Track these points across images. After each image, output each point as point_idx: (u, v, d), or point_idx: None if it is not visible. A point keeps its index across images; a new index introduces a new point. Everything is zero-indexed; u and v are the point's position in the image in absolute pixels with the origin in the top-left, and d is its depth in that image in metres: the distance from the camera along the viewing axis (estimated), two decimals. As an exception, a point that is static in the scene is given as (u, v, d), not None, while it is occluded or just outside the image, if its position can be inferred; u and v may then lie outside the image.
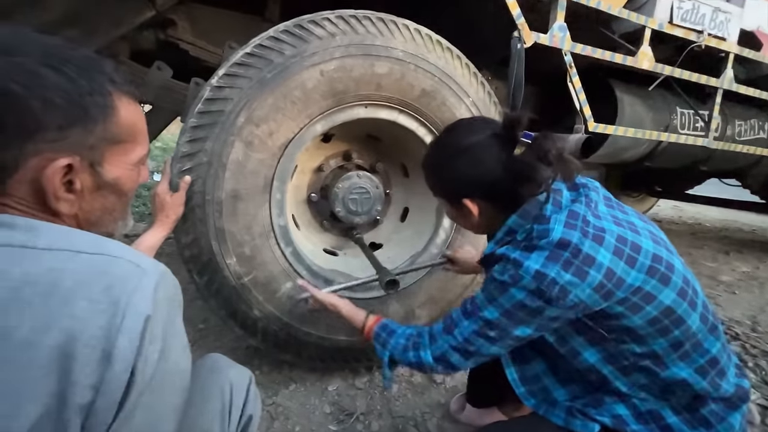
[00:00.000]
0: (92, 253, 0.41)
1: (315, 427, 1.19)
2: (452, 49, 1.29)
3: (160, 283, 0.42)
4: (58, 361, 0.36)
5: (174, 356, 0.44)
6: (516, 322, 0.72)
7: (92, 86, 0.45)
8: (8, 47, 0.41)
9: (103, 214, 0.51)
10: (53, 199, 0.44)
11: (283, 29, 1.09)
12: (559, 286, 0.66)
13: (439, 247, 1.43)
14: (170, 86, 1.44)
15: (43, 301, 0.37)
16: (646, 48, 1.67)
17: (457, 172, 0.78)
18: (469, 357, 0.78)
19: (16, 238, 0.40)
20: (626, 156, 2.13)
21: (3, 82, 0.39)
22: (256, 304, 1.16)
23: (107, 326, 0.38)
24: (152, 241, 0.98)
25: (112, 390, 0.37)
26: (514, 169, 0.72)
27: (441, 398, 1.36)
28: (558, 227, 0.69)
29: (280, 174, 1.15)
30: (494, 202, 0.78)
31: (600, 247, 0.67)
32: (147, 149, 0.55)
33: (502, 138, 0.75)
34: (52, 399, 0.36)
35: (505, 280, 0.71)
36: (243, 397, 0.72)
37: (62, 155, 0.43)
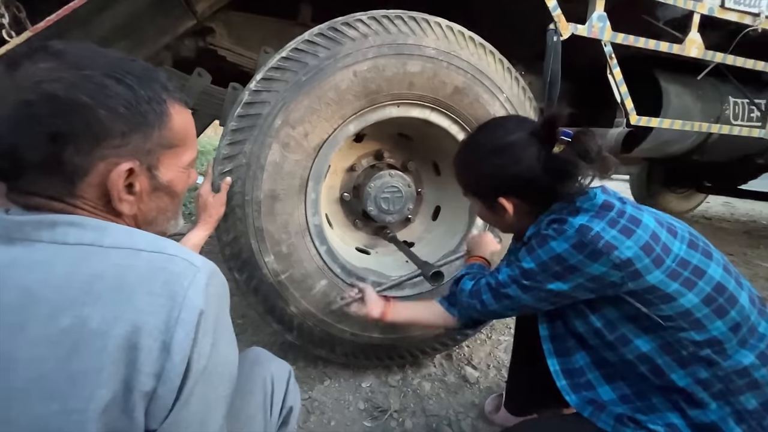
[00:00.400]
0: (151, 251, 0.44)
1: (349, 423, 1.22)
2: (485, 45, 1.27)
3: (211, 279, 0.45)
4: (125, 351, 0.39)
5: (223, 348, 0.47)
6: (551, 276, 0.73)
7: (150, 95, 0.48)
8: (78, 62, 0.44)
9: (158, 214, 0.55)
10: (117, 200, 0.48)
11: (318, 32, 1.11)
12: (604, 240, 0.66)
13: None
14: (210, 91, 1.50)
15: (111, 294, 0.40)
16: (694, 35, 1.57)
17: (494, 170, 0.78)
18: (498, 299, 0.82)
19: (87, 236, 0.43)
20: (672, 150, 2.01)
21: (75, 95, 0.43)
22: (293, 301, 1.20)
23: (166, 319, 0.41)
24: (196, 239, 1.03)
25: (171, 378, 0.40)
26: (554, 167, 0.72)
27: (475, 399, 1.34)
28: (600, 194, 0.73)
29: (314, 174, 1.18)
30: (530, 201, 0.79)
31: (642, 213, 0.70)
32: (196, 152, 0.58)
33: (541, 136, 0.75)
34: (120, 385, 0.39)
35: (548, 233, 0.73)
36: (283, 389, 0.75)
37: (124, 160, 0.47)
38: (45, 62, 0.43)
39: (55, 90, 0.42)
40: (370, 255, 1.53)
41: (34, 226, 0.43)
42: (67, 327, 0.38)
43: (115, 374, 0.38)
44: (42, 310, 0.39)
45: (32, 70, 0.42)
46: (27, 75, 0.42)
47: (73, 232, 0.43)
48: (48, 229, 0.43)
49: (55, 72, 0.43)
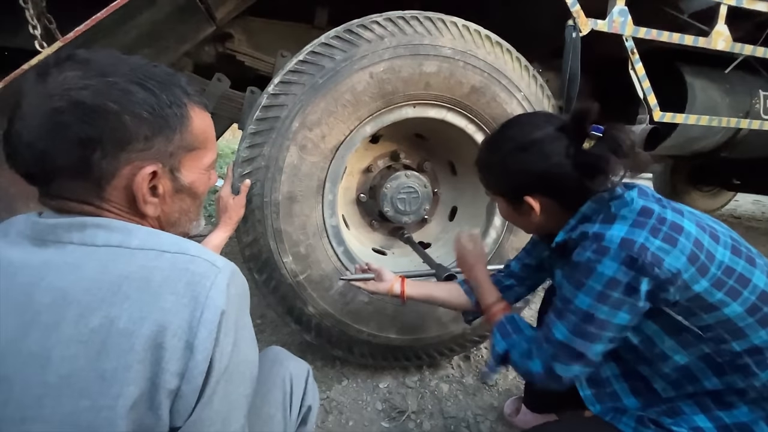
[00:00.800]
0: (175, 253, 0.45)
1: (368, 423, 1.22)
2: (502, 44, 1.25)
3: (232, 280, 0.46)
4: (151, 350, 0.40)
5: (244, 348, 0.48)
6: (613, 307, 0.65)
7: (171, 99, 0.49)
8: (103, 70, 0.46)
9: (180, 216, 0.56)
10: (142, 202, 0.49)
11: (334, 35, 1.12)
12: (650, 252, 0.61)
13: (490, 246, 1.40)
14: (229, 95, 1.53)
15: (138, 295, 0.41)
16: (721, 27, 1.51)
17: (520, 167, 0.74)
18: (573, 362, 0.70)
19: (114, 238, 0.45)
20: (698, 146, 1.94)
21: (102, 101, 0.44)
22: (311, 301, 1.21)
23: (190, 319, 0.42)
24: (217, 240, 1.05)
25: (194, 377, 0.41)
26: (585, 163, 0.69)
27: (494, 401, 1.33)
28: (636, 199, 0.68)
29: (331, 176, 1.19)
30: (558, 199, 0.75)
31: (682, 217, 0.66)
32: (216, 154, 0.59)
33: (570, 131, 0.71)
34: (146, 383, 0.40)
35: (589, 258, 0.66)
36: (302, 388, 0.76)
37: (148, 163, 0.48)
38: (72, 71, 0.45)
39: (83, 97, 0.44)
40: (386, 256, 1.54)
41: (65, 228, 0.45)
42: (96, 327, 0.40)
43: (142, 372, 0.39)
44: (73, 311, 0.40)
45: (61, 79, 0.44)
46: (56, 83, 0.44)
47: (101, 234, 0.45)
48: (78, 231, 0.45)
49: (82, 80, 0.44)
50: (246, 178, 1.11)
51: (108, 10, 0.98)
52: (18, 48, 1.31)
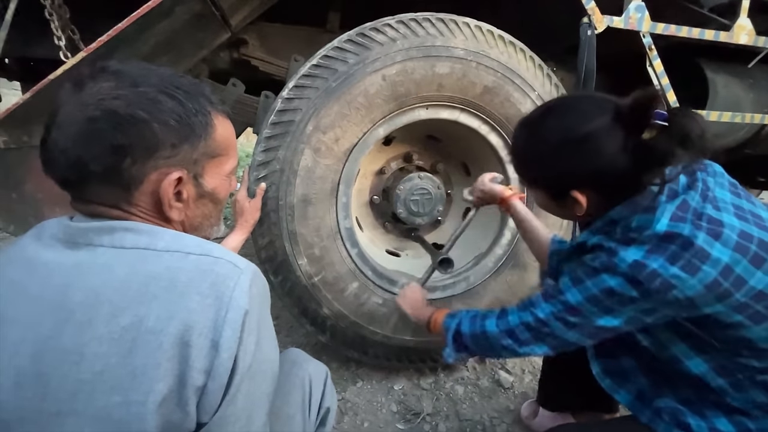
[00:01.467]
0: (199, 254, 0.47)
1: (383, 425, 1.22)
2: (515, 43, 1.24)
3: (254, 281, 0.47)
4: (179, 348, 0.41)
5: (266, 346, 0.49)
6: (601, 310, 0.64)
7: (197, 108, 0.51)
8: (134, 80, 0.48)
9: (203, 220, 0.58)
10: (167, 207, 0.51)
11: (347, 38, 1.13)
12: (661, 279, 0.58)
13: (504, 247, 1.39)
14: (243, 100, 1.56)
15: (165, 294, 0.43)
16: (743, 20, 1.46)
17: (570, 165, 0.66)
18: (540, 339, 0.72)
19: (142, 241, 0.47)
20: (721, 144, 1.88)
21: (133, 110, 0.47)
22: (326, 303, 1.22)
23: (215, 318, 0.43)
24: (234, 243, 1.07)
25: (220, 374, 0.43)
26: (644, 155, 0.61)
27: (510, 404, 1.31)
28: (663, 219, 0.60)
29: (345, 178, 1.19)
30: (609, 193, 0.67)
31: (716, 242, 0.58)
32: (237, 160, 0.61)
33: (628, 121, 0.62)
34: (174, 380, 0.41)
35: (596, 266, 0.64)
36: (321, 390, 0.77)
37: (174, 169, 0.50)
38: (106, 81, 0.47)
39: (116, 107, 0.46)
40: (400, 257, 1.54)
41: (96, 232, 0.47)
42: (127, 325, 0.41)
43: (170, 370, 0.41)
44: (105, 310, 0.42)
45: (96, 89, 0.47)
46: (91, 93, 0.46)
47: (129, 237, 0.47)
48: (108, 234, 0.47)
49: (115, 90, 0.47)
50: (261, 181, 1.13)
51: (129, 20, 1.01)
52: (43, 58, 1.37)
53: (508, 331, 0.76)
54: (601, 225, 0.70)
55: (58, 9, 1.11)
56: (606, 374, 0.81)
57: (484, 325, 0.80)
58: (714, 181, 0.66)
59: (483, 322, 0.81)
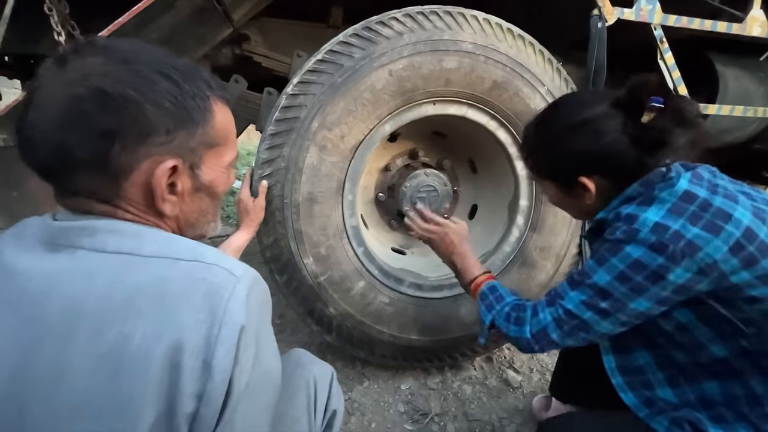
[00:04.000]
0: (190, 260, 0.42)
1: (390, 425, 1.21)
2: (524, 36, 1.21)
3: (252, 289, 0.43)
4: (168, 370, 0.37)
5: (266, 359, 0.45)
6: (632, 291, 0.62)
7: (194, 91, 0.46)
8: (125, 57, 0.43)
9: (199, 216, 0.53)
10: (160, 200, 0.46)
11: (352, 33, 1.10)
12: (685, 240, 0.57)
13: (512, 245, 1.37)
14: (246, 97, 1.54)
15: (152, 309, 0.38)
16: (757, 11, 1.43)
17: (574, 148, 0.70)
18: (571, 333, 0.70)
19: (126, 244, 0.43)
20: (730, 138, 1.85)
21: (123, 89, 0.41)
22: (332, 302, 1.20)
23: (207, 335, 0.39)
24: (239, 242, 1.05)
25: (213, 399, 0.38)
26: (646, 138, 0.64)
27: (518, 404, 1.30)
28: (683, 180, 0.62)
29: (351, 176, 1.17)
30: (615, 178, 0.70)
31: (736, 205, 0.59)
32: (236, 153, 0.56)
33: (626, 105, 0.67)
34: (163, 406, 0.37)
35: (618, 238, 0.63)
36: (326, 392, 0.74)
37: (168, 157, 0.45)
38: (93, 57, 0.42)
39: (104, 84, 0.41)
40: (405, 255, 1.52)
41: (76, 232, 0.43)
42: (110, 344, 0.37)
43: (159, 395, 0.37)
44: (87, 325, 0.38)
45: (80, 65, 0.42)
46: (75, 70, 0.41)
47: (112, 240, 0.43)
48: (89, 236, 0.43)
49: (103, 66, 0.42)
50: (266, 179, 1.11)
51: (129, 14, 0.98)
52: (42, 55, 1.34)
53: (541, 332, 0.74)
54: (618, 204, 0.70)
55: (57, 4, 1.08)
56: (619, 371, 0.79)
57: (519, 331, 0.78)
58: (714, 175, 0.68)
59: (518, 328, 0.78)
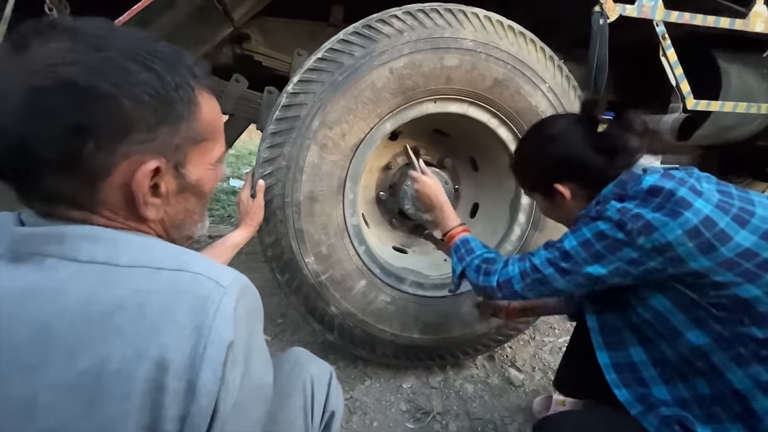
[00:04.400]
0: (173, 270, 0.39)
1: (392, 424, 1.20)
2: (525, 34, 1.21)
3: (241, 299, 0.39)
4: (150, 394, 0.34)
5: (256, 372, 0.42)
6: (592, 256, 0.72)
7: (177, 81, 0.42)
8: (97, 43, 0.38)
9: (185, 217, 0.49)
10: (142, 204, 0.42)
11: (353, 31, 1.10)
12: (643, 221, 0.65)
13: (514, 244, 1.36)
14: (247, 96, 1.53)
15: (133, 328, 0.35)
16: (760, 7, 1.42)
17: (548, 158, 0.84)
18: (533, 286, 0.81)
19: (100, 252, 0.38)
20: (732, 135, 1.84)
21: (96, 82, 0.36)
22: (333, 301, 1.20)
23: (192, 354, 0.35)
24: (237, 239, 1.04)
25: (197, 423, 0.35)
26: (603, 144, 0.77)
27: (521, 402, 1.29)
28: (649, 178, 0.71)
29: (352, 174, 1.17)
30: (585, 183, 0.81)
31: (698, 198, 0.65)
32: (224, 147, 0.52)
33: (584, 120, 0.82)
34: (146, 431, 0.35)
35: (591, 215, 0.74)
36: (324, 392, 0.71)
37: (150, 157, 0.41)
38: (58, 41, 0.37)
39: (73, 75, 0.36)
40: (407, 254, 1.51)
41: (42, 239, 0.38)
42: (86, 369, 0.34)
43: (141, 421, 0.34)
44: (59, 350, 0.34)
45: (44, 51, 0.36)
46: (38, 56, 0.36)
47: (85, 247, 0.38)
48: (57, 243, 0.38)
49: (70, 53, 0.36)
50: (267, 178, 1.11)
51: (129, 13, 0.98)
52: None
53: (505, 282, 0.85)
54: (594, 204, 0.79)
55: (57, 4, 1.08)
56: (613, 368, 0.80)
57: (487, 280, 0.89)
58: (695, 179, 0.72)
59: (486, 278, 0.89)
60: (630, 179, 0.75)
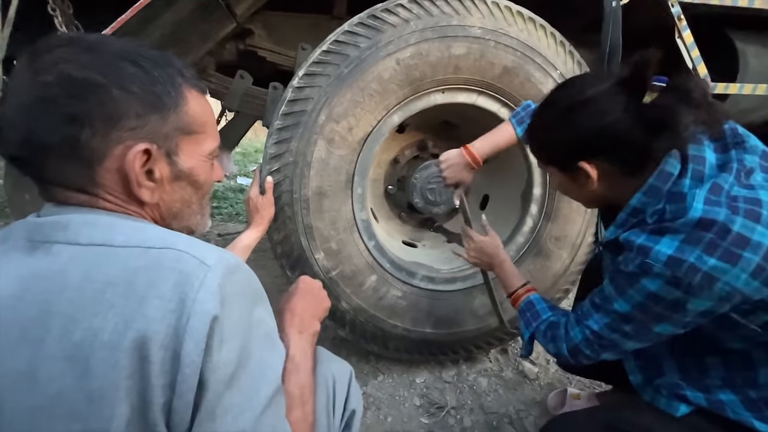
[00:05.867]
0: (160, 248, 0.41)
1: (406, 419, 1.20)
2: (535, 19, 1.18)
3: (227, 278, 0.41)
4: (138, 363, 0.36)
5: (257, 350, 0.43)
6: (653, 318, 0.61)
7: (164, 77, 0.47)
8: (91, 45, 0.44)
9: (182, 206, 0.53)
10: (135, 185, 0.46)
11: (358, 22, 1.08)
12: (701, 273, 0.54)
13: (525, 235, 1.34)
14: (252, 92, 1.53)
15: (122, 301, 0.38)
16: (780, -16, 1.37)
17: (574, 128, 0.66)
18: (603, 350, 0.71)
19: (98, 235, 0.42)
20: (751, 119, 1.78)
21: (88, 74, 0.42)
22: (344, 297, 1.19)
23: (175, 326, 0.38)
24: (248, 240, 1.04)
25: (183, 391, 0.37)
26: (649, 117, 0.60)
27: (536, 395, 1.28)
28: (697, 204, 0.56)
29: (360, 169, 1.16)
30: (620, 163, 0.65)
31: (756, 225, 0.54)
32: (218, 142, 0.56)
33: (629, 83, 0.62)
34: (137, 399, 0.37)
35: (632, 271, 0.61)
36: (345, 391, 0.71)
37: (141, 142, 0.45)
38: (61, 48, 0.43)
39: (69, 70, 0.42)
40: (417, 248, 1.50)
41: (51, 227, 0.43)
42: (79, 341, 0.37)
43: (131, 389, 0.36)
44: (57, 324, 0.38)
45: (49, 56, 0.43)
46: (44, 60, 0.43)
47: (85, 232, 0.42)
48: (63, 230, 0.43)
49: (69, 54, 0.43)
50: (275, 174, 1.10)
51: (132, 11, 0.97)
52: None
53: (574, 349, 0.75)
54: (625, 216, 0.67)
55: (61, 4, 1.08)
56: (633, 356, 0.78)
57: (557, 348, 0.79)
58: (751, 158, 0.61)
59: (555, 345, 0.79)
60: (665, 186, 0.62)
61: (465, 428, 1.17)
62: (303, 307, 0.71)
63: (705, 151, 0.62)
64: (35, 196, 1.13)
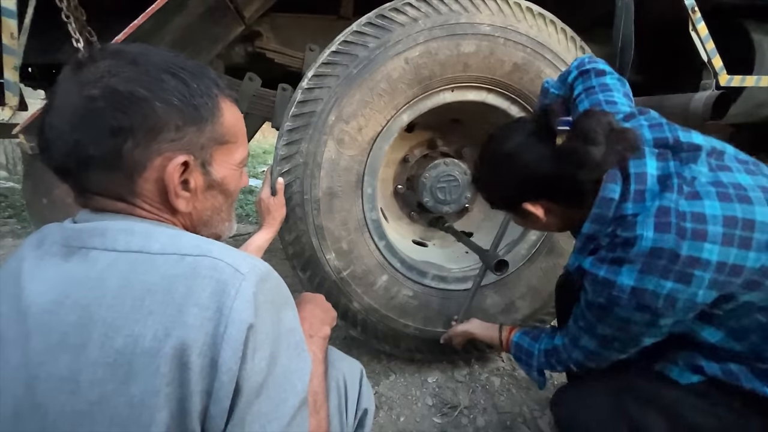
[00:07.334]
0: (196, 256, 0.42)
1: (419, 419, 1.20)
2: (545, 15, 1.16)
3: (260, 286, 0.42)
4: (178, 370, 0.37)
5: (286, 358, 0.44)
6: (636, 334, 0.66)
7: (202, 89, 0.48)
8: (135, 59, 0.46)
9: (213, 214, 0.54)
10: (173, 195, 0.47)
11: (366, 21, 1.08)
12: (662, 297, 0.59)
13: (538, 233, 1.32)
14: (260, 94, 1.53)
15: (161, 309, 0.39)
16: (798, -28, 1.33)
17: (508, 180, 0.74)
18: (606, 360, 0.75)
19: (135, 242, 0.43)
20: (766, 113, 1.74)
21: (133, 88, 0.44)
22: (356, 297, 1.19)
23: (213, 334, 0.39)
24: (260, 241, 1.04)
25: (221, 398, 0.38)
26: (562, 160, 0.67)
27: (549, 395, 1.26)
28: (647, 233, 0.60)
29: (370, 169, 1.16)
30: (557, 199, 0.73)
31: (704, 243, 0.58)
32: (247, 151, 0.57)
33: (540, 132, 0.71)
34: (176, 405, 0.38)
35: (602, 304, 0.66)
36: (357, 390, 0.71)
37: (180, 154, 0.47)
38: (105, 60, 0.45)
39: (115, 84, 0.43)
40: (427, 247, 1.50)
41: (89, 233, 0.44)
42: (121, 347, 0.38)
43: (170, 396, 0.37)
44: (99, 331, 0.38)
45: (93, 69, 0.44)
46: (89, 73, 0.44)
47: (122, 239, 0.44)
48: (100, 236, 0.44)
49: (114, 68, 0.44)
50: (285, 176, 1.10)
51: (144, 16, 0.98)
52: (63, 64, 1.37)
53: (580, 364, 0.79)
54: (581, 245, 0.71)
55: (74, 11, 1.10)
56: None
57: (567, 368, 0.84)
58: (695, 166, 0.64)
59: (563, 366, 0.84)
60: (608, 212, 0.65)
61: (478, 428, 1.16)
62: (311, 312, 0.73)
63: (646, 165, 0.64)
64: (52, 201, 1.15)
